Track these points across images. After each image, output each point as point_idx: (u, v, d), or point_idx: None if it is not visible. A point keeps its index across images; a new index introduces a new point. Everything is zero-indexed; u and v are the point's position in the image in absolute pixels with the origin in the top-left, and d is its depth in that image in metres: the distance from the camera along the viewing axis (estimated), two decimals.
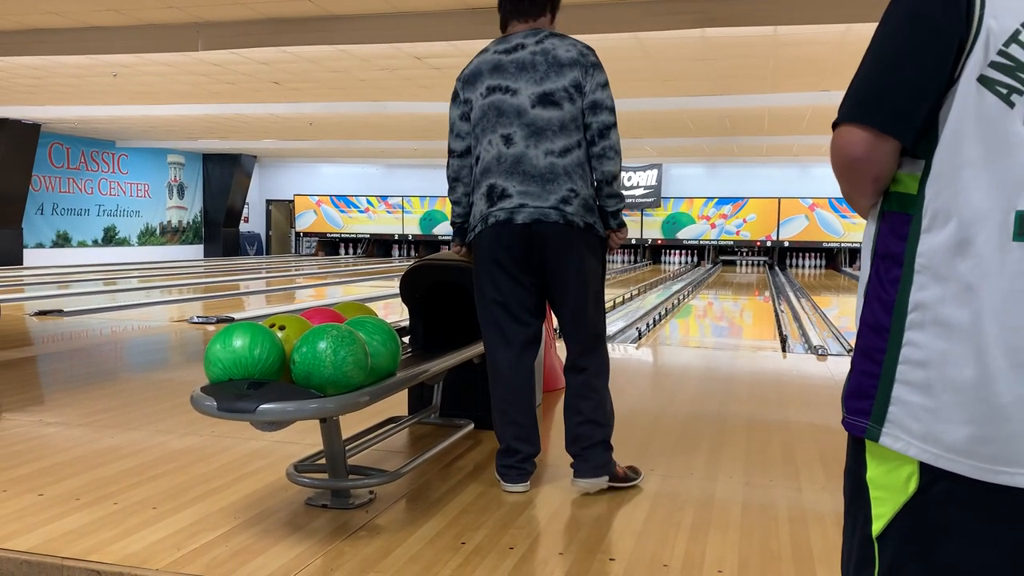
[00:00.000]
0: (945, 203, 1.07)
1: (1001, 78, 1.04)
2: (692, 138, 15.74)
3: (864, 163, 1.13)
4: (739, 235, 20.66)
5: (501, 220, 2.83)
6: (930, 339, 1.08)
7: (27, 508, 2.66)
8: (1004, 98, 1.04)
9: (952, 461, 1.07)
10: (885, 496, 1.13)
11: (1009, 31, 1.04)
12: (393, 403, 3.61)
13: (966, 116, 1.06)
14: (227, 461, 3.22)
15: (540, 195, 2.79)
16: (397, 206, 22.66)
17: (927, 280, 1.09)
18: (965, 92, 1.05)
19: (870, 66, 1.13)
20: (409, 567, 2.26)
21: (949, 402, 1.07)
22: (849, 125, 1.13)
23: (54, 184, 17.95)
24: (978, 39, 1.05)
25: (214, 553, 2.33)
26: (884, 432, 1.12)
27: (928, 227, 1.09)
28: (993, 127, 1.04)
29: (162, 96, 11.98)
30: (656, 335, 7.85)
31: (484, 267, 2.93)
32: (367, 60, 9.22)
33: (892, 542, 1.13)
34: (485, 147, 2.87)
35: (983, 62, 1.05)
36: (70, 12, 7.48)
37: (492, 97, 2.86)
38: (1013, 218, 1.04)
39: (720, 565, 2.32)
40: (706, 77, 9.80)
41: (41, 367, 5.59)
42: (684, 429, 3.84)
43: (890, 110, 1.10)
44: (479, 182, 2.90)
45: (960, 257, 1.06)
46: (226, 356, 2.44)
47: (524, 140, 2.80)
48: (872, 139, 1.11)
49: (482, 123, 2.87)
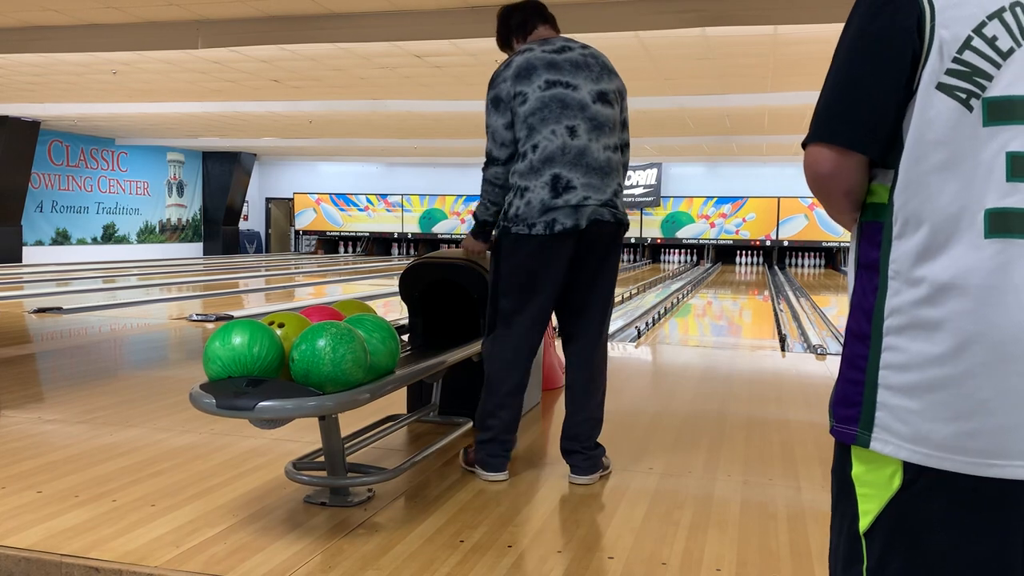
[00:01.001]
0: (915, 209, 1.10)
1: (959, 83, 1.08)
2: (692, 137, 15.74)
3: (833, 180, 1.18)
4: (738, 234, 20.66)
5: (568, 228, 2.83)
6: (908, 342, 1.11)
7: (26, 505, 2.66)
8: (963, 102, 1.08)
9: (943, 459, 1.09)
10: (871, 493, 1.15)
11: (961, 39, 1.08)
12: (392, 401, 3.61)
13: (928, 123, 1.09)
14: (226, 458, 3.22)
15: (600, 188, 2.90)
16: (397, 205, 22.65)
17: (900, 285, 1.12)
18: (925, 100, 1.09)
19: (831, 86, 1.17)
20: (408, 565, 2.27)
21: (933, 401, 1.09)
22: (815, 145, 1.18)
23: (53, 182, 17.94)
24: (931, 50, 1.09)
25: (213, 550, 2.33)
26: (874, 438, 1.14)
27: (899, 233, 1.12)
28: (955, 131, 1.08)
29: (162, 94, 11.97)
30: (655, 334, 7.85)
31: (533, 266, 2.89)
32: (367, 58, 9.21)
33: (879, 538, 1.15)
34: (547, 136, 2.87)
35: (939, 70, 1.09)
36: (70, 9, 7.47)
37: (553, 91, 2.89)
38: (982, 217, 1.06)
39: (719, 563, 2.32)
40: (706, 76, 9.79)
41: (40, 364, 5.59)
42: (683, 428, 3.84)
43: (852, 127, 1.15)
44: (539, 170, 2.87)
45: (932, 260, 1.09)
46: (225, 354, 2.44)
47: (587, 133, 2.89)
48: (838, 156, 1.16)
49: (542, 113, 2.88)
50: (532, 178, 2.88)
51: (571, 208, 2.84)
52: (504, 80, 2.95)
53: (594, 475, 3.01)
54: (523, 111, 2.89)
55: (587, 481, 2.98)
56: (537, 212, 2.85)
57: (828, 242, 20.12)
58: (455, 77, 10.23)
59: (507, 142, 2.94)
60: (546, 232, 2.84)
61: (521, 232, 2.87)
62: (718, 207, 20.73)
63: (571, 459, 3.01)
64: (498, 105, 2.96)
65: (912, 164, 1.10)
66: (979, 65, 1.08)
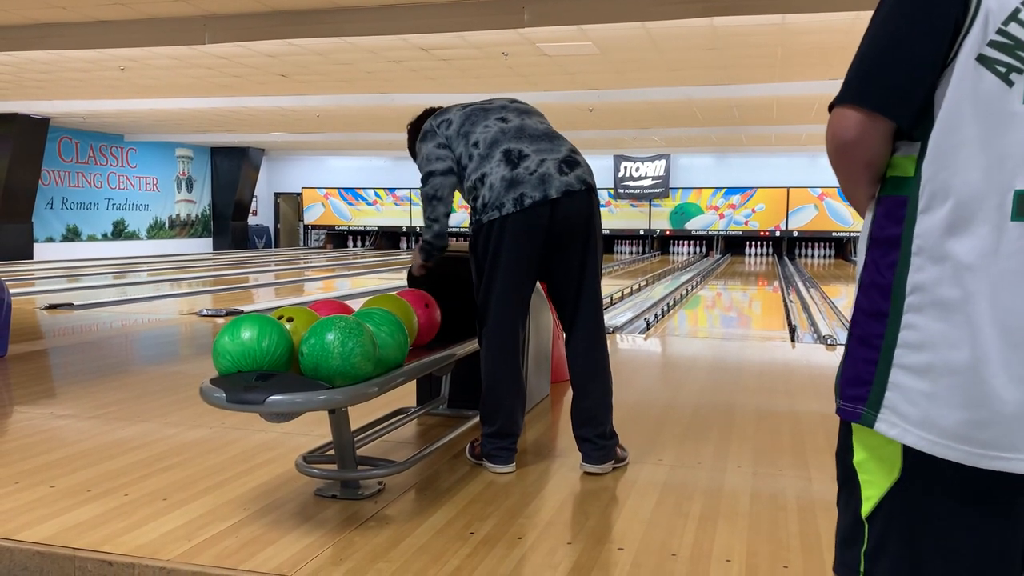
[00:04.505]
0: (943, 183, 1.06)
1: (1000, 57, 1.03)
2: (700, 128, 15.69)
3: (857, 147, 1.13)
4: (748, 225, 20.59)
5: (538, 200, 2.83)
6: (928, 321, 1.07)
7: (39, 500, 2.68)
8: (1003, 77, 1.03)
9: (947, 448, 1.06)
10: (872, 479, 1.15)
11: (1009, 9, 1.03)
12: (401, 394, 3.62)
13: (963, 95, 1.05)
14: (236, 452, 3.23)
15: (552, 149, 2.96)
16: (405, 198, 22.66)
17: (924, 261, 1.08)
18: (963, 71, 1.05)
19: (866, 49, 1.13)
20: (418, 557, 2.27)
21: (946, 385, 1.06)
22: (843, 107, 1.13)
23: (63, 178, 18.02)
24: (976, 18, 1.04)
25: (224, 544, 2.34)
26: (880, 419, 1.12)
27: (925, 207, 1.08)
28: (991, 106, 1.04)
29: (169, 90, 12.00)
30: (664, 326, 7.84)
31: (514, 251, 2.89)
32: (374, 52, 9.21)
33: (879, 523, 1.14)
34: (482, 130, 3.00)
35: (982, 41, 1.04)
36: (77, 7, 7.49)
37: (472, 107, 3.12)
38: (1011, 198, 1.03)
39: (729, 554, 2.32)
40: (714, 66, 9.75)
41: (52, 360, 5.63)
42: (693, 419, 3.84)
43: (884, 90, 1.10)
44: (489, 154, 2.93)
45: (956, 237, 1.05)
46: (235, 348, 2.44)
47: (517, 117, 3.05)
48: (865, 120, 1.11)
49: (471, 119, 3.05)
50: (486, 164, 2.93)
51: (537, 179, 2.85)
52: (426, 123, 3.16)
53: (607, 464, 2.99)
54: (453, 128, 3.05)
55: (599, 470, 2.97)
56: (503, 189, 2.86)
57: (838, 232, 20.03)
58: (462, 70, 10.22)
59: (442, 156, 3.04)
60: (516, 208, 2.83)
61: (493, 217, 2.88)
62: (727, 198, 20.66)
63: (583, 447, 3.01)
64: (425, 136, 3.11)
65: (944, 136, 1.06)
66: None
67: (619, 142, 18.92)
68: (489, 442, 3.01)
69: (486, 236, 2.92)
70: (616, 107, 12.94)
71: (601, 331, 3.08)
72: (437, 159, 3.04)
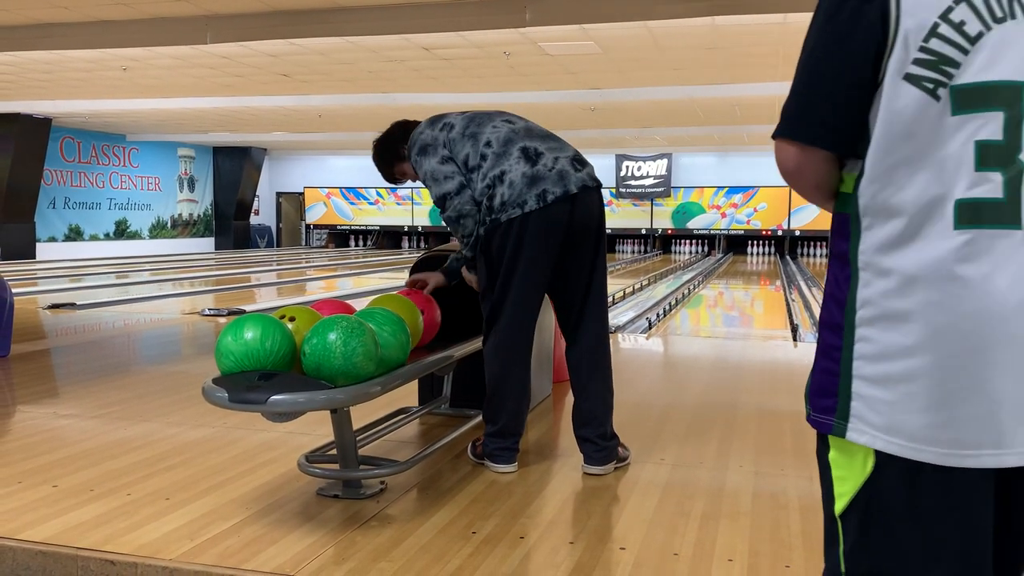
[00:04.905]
0: (883, 201, 1.09)
1: (925, 73, 1.05)
2: (702, 127, 15.68)
3: (800, 175, 1.18)
4: (750, 224, 20.58)
5: (560, 196, 2.83)
6: (880, 333, 1.11)
7: (42, 499, 2.68)
8: (931, 92, 1.05)
9: (917, 450, 1.09)
10: (845, 476, 1.17)
11: (927, 26, 1.05)
12: (403, 394, 3.62)
13: (895, 115, 1.07)
14: (239, 452, 3.24)
15: (562, 147, 2.99)
16: (407, 198, 22.67)
17: (871, 276, 1.11)
18: (891, 92, 1.07)
19: (796, 82, 1.17)
20: (420, 556, 2.28)
21: (905, 392, 1.09)
22: (780, 140, 1.18)
23: (66, 178, 18.04)
24: (897, 39, 1.06)
25: (227, 543, 2.34)
26: (850, 428, 1.14)
27: (868, 225, 1.11)
28: (922, 123, 1.06)
29: (172, 89, 12.00)
30: (666, 325, 7.83)
31: (535, 249, 2.87)
32: (376, 51, 9.21)
33: (854, 520, 1.16)
34: (491, 131, 2.98)
35: (906, 60, 1.06)
36: (79, 7, 7.50)
37: (470, 113, 3.09)
38: (952, 207, 1.05)
39: (730, 554, 2.32)
40: (716, 65, 9.75)
41: (55, 360, 5.63)
42: (694, 419, 3.84)
43: (814, 124, 1.14)
44: (505, 152, 2.91)
45: (900, 251, 1.08)
46: (237, 348, 2.45)
47: (519, 120, 3.08)
48: (801, 153, 1.15)
49: (476, 121, 3.03)
50: (503, 161, 2.89)
51: (556, 175, 2.86)
52: (420, 133, 3.08)
53: (608, 466, 2.99)
54: (456, 131, 3.00)
55: (601, 472, 2.97)
56: (524, 186, 2.84)
57: None
58: (463, 70, 10.22)
59: (449, 173, 2.96)
60: (539, 205, 2.82)
61: (514, 215, 2.84)
62: (729, 197, 20.65)
63: (584, 447, 3.00)
64: (426, 151, 3.02)
65: (880, 157, 1.08)
66: (946, 53, 1.05)
67: (621, 141, 18.92)
68: (492, 441, 3.01)
69: (504, 235, 2.87)
70: (618, 106, 12.93)
71: (606, 331, 3.09)
72: (446, 177, 2.96)
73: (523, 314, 2.96)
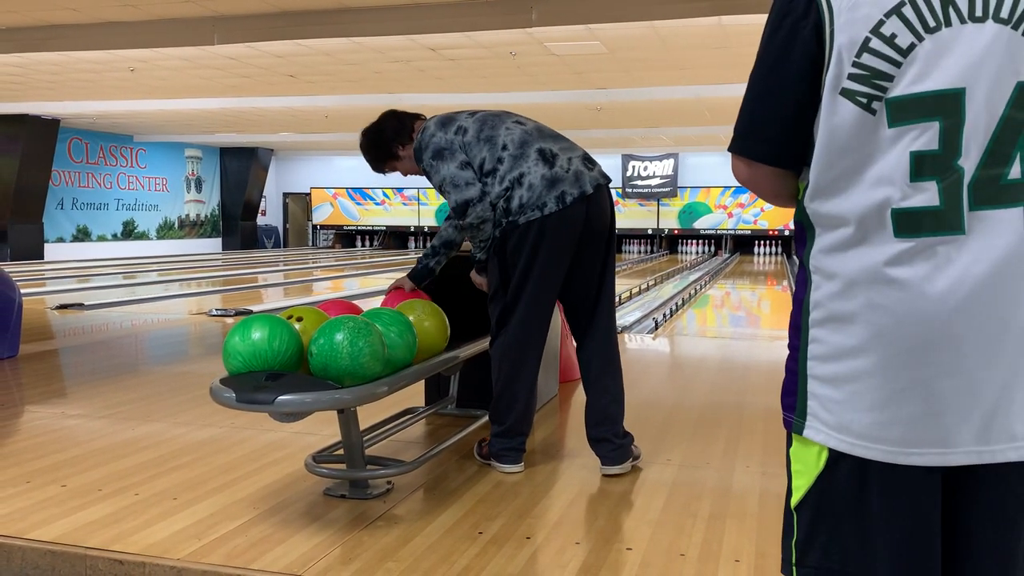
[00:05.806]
0: (828, 211, 1.13)
1: (859, 88, 1.07)
2: (709, 127, 15.65)
3: (753, 185, 1.24)
4: (756, 224, 20.54)
5: (577, 197, 2.85)
6: (829, 334, 1.14)
7: (50, 499, 2.70)
8: (865, 107, 1.07)
9: (865, 448, 1.12)
10: (802, 471, 1.20)
11: (859, 41, 1.07)
12: (410, 394, 3.63)
13: (833, 130, 1.10)
14: (246, 452, 3.25)
15: (573, 147, 3.01)
16: (413, 198, 22.69)
17: (820, 279, 1.15)
18: (829, 107, 1.09)
19: (744, 100, 1.20)
20: (427, 557, 2.28)
21: (851, 391, 1.12)
22: (733, 155, 1.22)
23: (73, 179, 18.11)
24: (832, 55, 1.08)
25: (234, 543, 2.35)
26: (807, 425, 1.18)
27: (818, 232, 1.15)
28: (860, 136, 1.08)
29: (179, 90, 12.04)
30: (673, 325, 7.83)
31: (553, 251, 2.87)
32: (382, 52, 9.22)
33: (807, 513, 1.19)
34: (504, 133, 2.97)
35: (841, 76, 1.08)
36: (87, 8, 7.53)
37: (481, 114, 3.07)
38: (890, 216, 1.07)
39: (737, 555, 2.32)
40: (723, 65, 9.73)
41: (63, 360, 5.66)
42: (701, 419, 3.83)
43: (760, 141, 1.19)
44: (523, 154, 2.91)
45: (843, 255, 1.12)
46: (245, 348, 2.45)
47: (528, 120, 3.08)
48: (748, 167, 1.21)
49: (491, 122, 3.02)
50: (521, 163, 2.89)
51: (573, 176, 2.88)
52: (432, 136, 3.04)
53: (626, 463, 2.98)
54: (471, 134, 2.98)
55: (620, 471, 2.96)
56: (544, 189, 2.85)
57: None
58: (469, 70, 10.22)
59: (470, 179, 2.93)
60: (559, 207, 2.83)
61: (533, 218, 2.84)
62: (736, 197, 20.60)
63: (600, 448, 2.99)
64: (442, 155, 2.98)
65: (822, 170, 1.11)
66: (878, 67, 1.06)
67: (627, 141, 18.90)
68: (498, 442, 3.01)
69: (521, 237, 2.87)
70: (624, 106, 12.92)
71: (615, 329, 3.11)
72: (467, 184, 2.93)
73: (536, 315, 2.96)
